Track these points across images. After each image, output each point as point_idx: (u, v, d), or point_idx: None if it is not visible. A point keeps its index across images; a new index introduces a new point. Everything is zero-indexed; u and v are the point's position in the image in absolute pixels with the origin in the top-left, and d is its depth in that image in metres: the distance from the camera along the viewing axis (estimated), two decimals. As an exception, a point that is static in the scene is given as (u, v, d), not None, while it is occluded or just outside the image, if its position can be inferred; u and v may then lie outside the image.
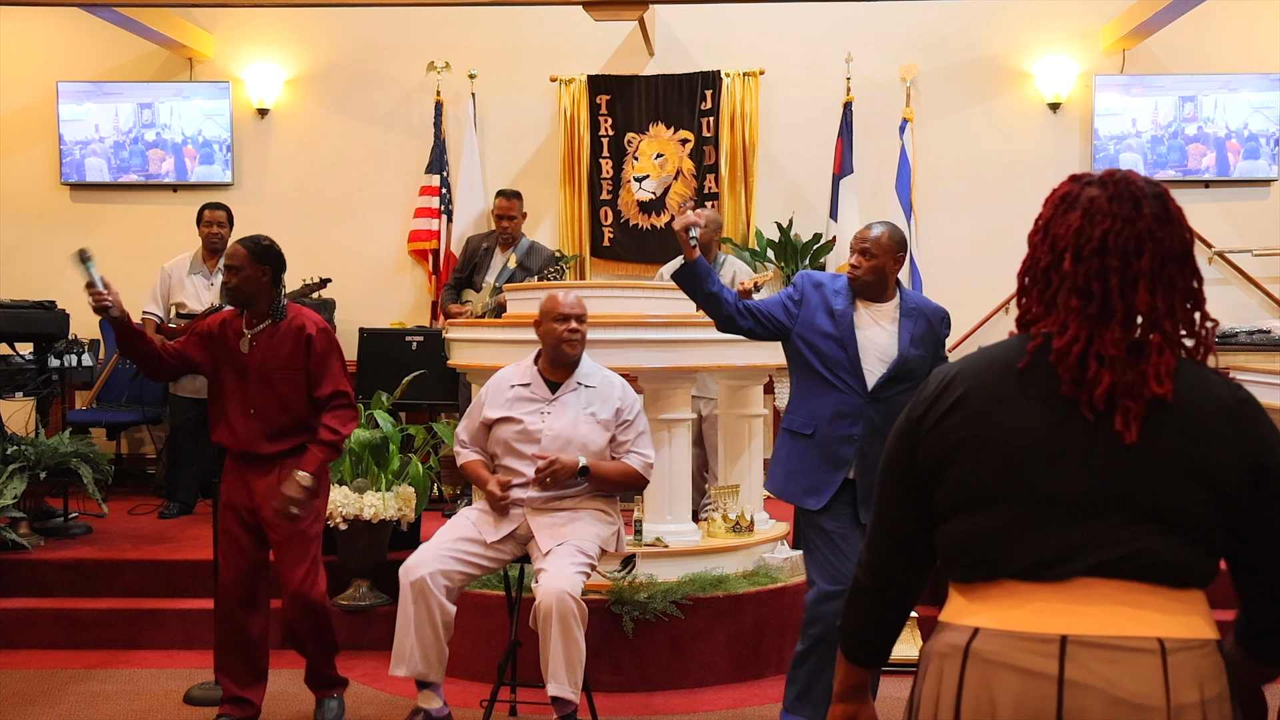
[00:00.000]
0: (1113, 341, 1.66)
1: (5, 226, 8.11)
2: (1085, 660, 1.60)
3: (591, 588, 4.66)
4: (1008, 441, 1.69)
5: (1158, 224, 1.72)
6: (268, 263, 4.03)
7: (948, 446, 1.73)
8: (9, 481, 5.59)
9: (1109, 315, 1.68)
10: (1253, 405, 1.72)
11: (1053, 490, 1.66)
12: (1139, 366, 1.66)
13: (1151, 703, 1.58)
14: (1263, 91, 7.65)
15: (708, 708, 4.52)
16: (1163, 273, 1.70)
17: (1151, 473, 1.64)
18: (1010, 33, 7.78)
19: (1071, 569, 1.63)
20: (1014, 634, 1.63)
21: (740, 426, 5.31)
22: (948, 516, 1.74)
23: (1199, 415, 1.67)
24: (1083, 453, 1.65)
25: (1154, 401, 1.66)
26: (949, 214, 7.74)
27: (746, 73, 7.69)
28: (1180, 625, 1.62)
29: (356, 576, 5.26)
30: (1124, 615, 1.61)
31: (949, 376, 1.77)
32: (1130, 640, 1.60)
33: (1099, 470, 1.65)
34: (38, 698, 4.60)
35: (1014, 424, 1.69)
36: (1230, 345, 6.77)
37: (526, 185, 7.55)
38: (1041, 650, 1.61)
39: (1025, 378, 1.70)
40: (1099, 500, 1.64)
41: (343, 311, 7.73)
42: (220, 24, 8.06)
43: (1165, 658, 1.59)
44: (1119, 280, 1.68)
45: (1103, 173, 1.76)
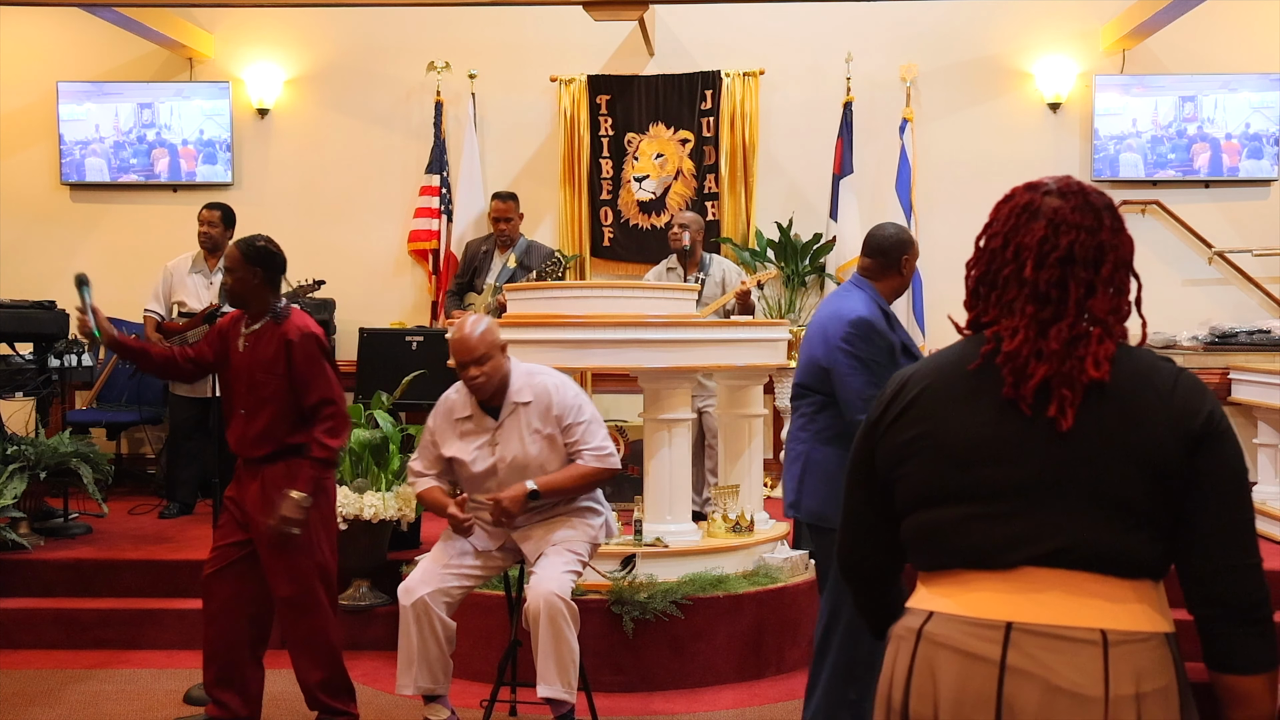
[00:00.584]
0: (1055, 337, 1.72)
1: (5, 226, 8.11)
2: (1027, 647, 1.64)
3: (591, 587, 4.67)
4: (957, 439, 1.75)
5: (1114, 234, 1.78)
6: (259, 264, 3.99)
7: (902, 444, 1.81)
8: (9, 481, 5.59)
9: (1060, 319, 1.74)
10: (1188, 380, 1.74)
11: (999, 483, 1.71)
12: (1076, 354, 1.71)
13: (1089, 693, 1.61)
14: (1263, 91, 7.64)
15: (708, 708, 4.52)
16: (1115, 279, 1.77)
17: (1092, 460, 1.68)
18: (1010, 33, 7.78)
19: (1017, 557, 1.68)
20: (962, 619, 1.70)
21: (740, 426, 5.31)
22: (907, 511, 1.82)
23: (1136, 398, 1.70)
24: (1026, 445, 1.71)
25: (1092, 387, 1.70)
26: (949, 214, 7.74)
27: (746, 73, 7.69)
28: (1125, 616, 1.65)
29: (356, 576, 5.26)
30: (1069, 604, 1.65)
31: (905, 379, 1.86)
32: (1073, 630, 1.64)
33: (1041, 461, 1.70)
34: (38, 698, 4.60)
35: (963, 422, 1.76)
36: (1230, 345, 6.78)
37: (526, 185, 7.55)
38: (986, 636, 1.67)
39: (975, 378, 1.77)
40: (1043, 490, 1.69)
41: (343, 311, 7.74)
42: (220, 24, 8.06)
43: (1106, 649, 1.62)
44: (1080, 287, 1.74)
45: (1058, 181, 1.81)
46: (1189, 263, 7.56)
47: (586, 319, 4.83)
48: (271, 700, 4.58)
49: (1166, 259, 7.54)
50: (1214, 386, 6.46)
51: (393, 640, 4.08)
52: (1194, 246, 7.62)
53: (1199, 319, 7.36)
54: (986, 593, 1.69)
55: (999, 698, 1.64)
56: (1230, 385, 6.41)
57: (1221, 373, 6.48)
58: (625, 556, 4.75)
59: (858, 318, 3.66)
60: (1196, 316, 7.38)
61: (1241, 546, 1.68)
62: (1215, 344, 6.83)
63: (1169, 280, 7.51)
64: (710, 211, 7.68)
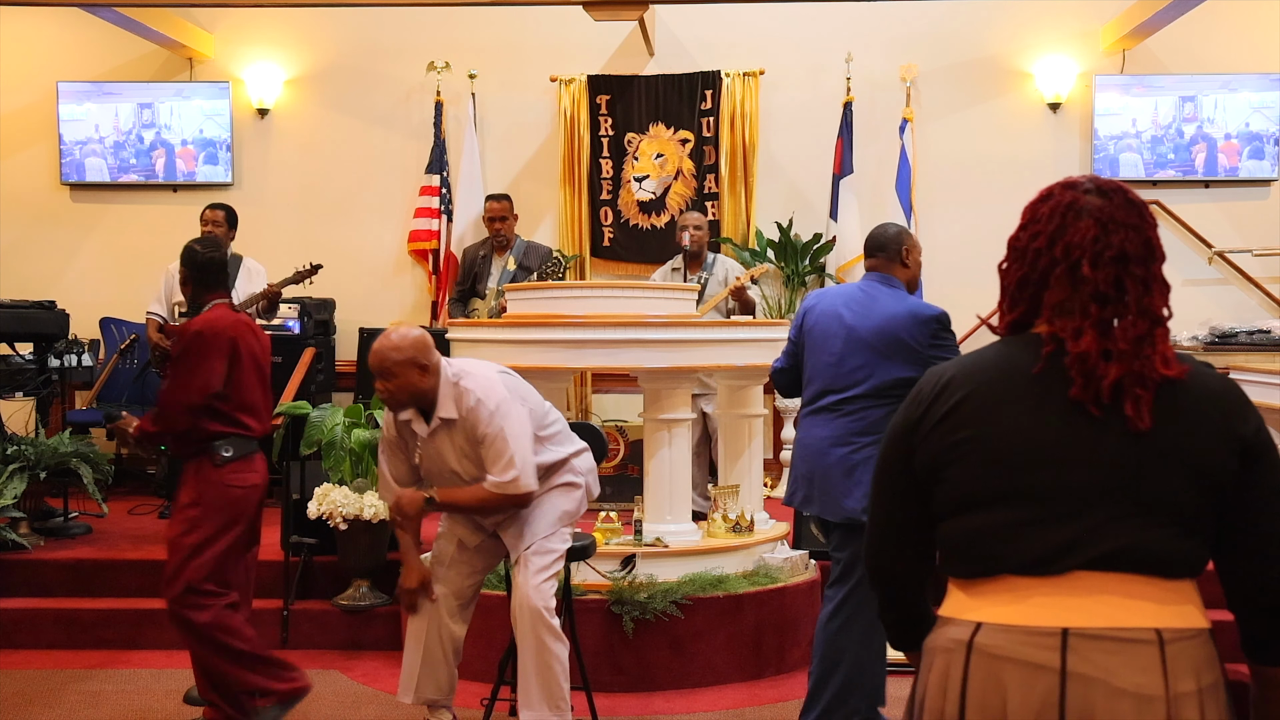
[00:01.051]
0: (1122, 336, 1.72)
1: (5, 226, 8.11)
2: (1086, 652, 1.63)
3: (591, 587, 4.67)
4: (1012, 442, 1.72)
5: (1155, 231, 1.79)
6: (183, 263, 4.13)
7: (948, 446, 1.77)
8: (9, 481, 5.59)
9: (1122, 317, 1.73)
10: (1236, 389, 1.77)
11: (1054, 487, 1.69)
12: (1144, 352, 1.71)
13: (1152, 692, 1.61)
14: (1263, 91, 7.64)
15: (708, 708, 4.52)
16: (1162, 275, 1.79)
17: (1154, 464, 1.68)
18: (1010, 33, 7.78)
19: (1069, 563, 1.67)
20: (1016, 628, 1.67)
21: (740, 426, 5.31)
22: (949, 515, 1.78)
23: (1194, 402, 1.71)
24: (1092, 448, 1.69)
25: (1163, 387, 1.70)
26: (949, 214, 7.74)
27: (746, 73, 7.69)
28: (1175, 615, 1.66)
29: (356, 576, 5.26)
30: (1122, 607, 1.65)
31: (945, 380, 1.81)
32: (1129, 631, 1.64)
33: (1103, 464, 1.68)
34: (38, 698, 4.60)
35: (1019, 424, 1.73)
36: (1230, 345, 6.77)
37: (526, 185, 7.56)
38: (1044, 643, 1.65)
39: (1040, 380, 1.74)
40: (1097, 494, 1.68)
41: (343, 311, 7.74)
42: (220, 24, 8.06)
43: (1163, 648, 1.63)
44: (1137, 285, 1.74)
45: (1093, 180, 1.80)
46: (1189, 263, 7.56)
47: (586, 319, 4.83)
48: (271, 700, 4.58)
49: (1167, 259, 7.53)
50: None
51: (393, 640, 4.08)
52: (1194, 246, 7.62)
53: (1199, 319, 7.35)
54: (1039, 599, 1.67)
55: (1061, 705, 1.62)
56: (1230, 385, 6.41)
57: (1222, 373, 6.47)
58: (625, 556, 4.75)
59: (940, 313, 3.77)
60: (1196, 316, 7.38)
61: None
62: (1215, 344, 6.83)
63: (1169, 280, 7.49)
64: (710, 211, 7.68)
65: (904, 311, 3.77)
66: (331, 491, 5.08)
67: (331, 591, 5.35)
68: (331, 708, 4.52)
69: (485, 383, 3.76)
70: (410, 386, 3.72)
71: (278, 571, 5.35)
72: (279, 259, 7.31)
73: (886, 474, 1.88)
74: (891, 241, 3.93)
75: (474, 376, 3.78)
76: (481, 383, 3.76)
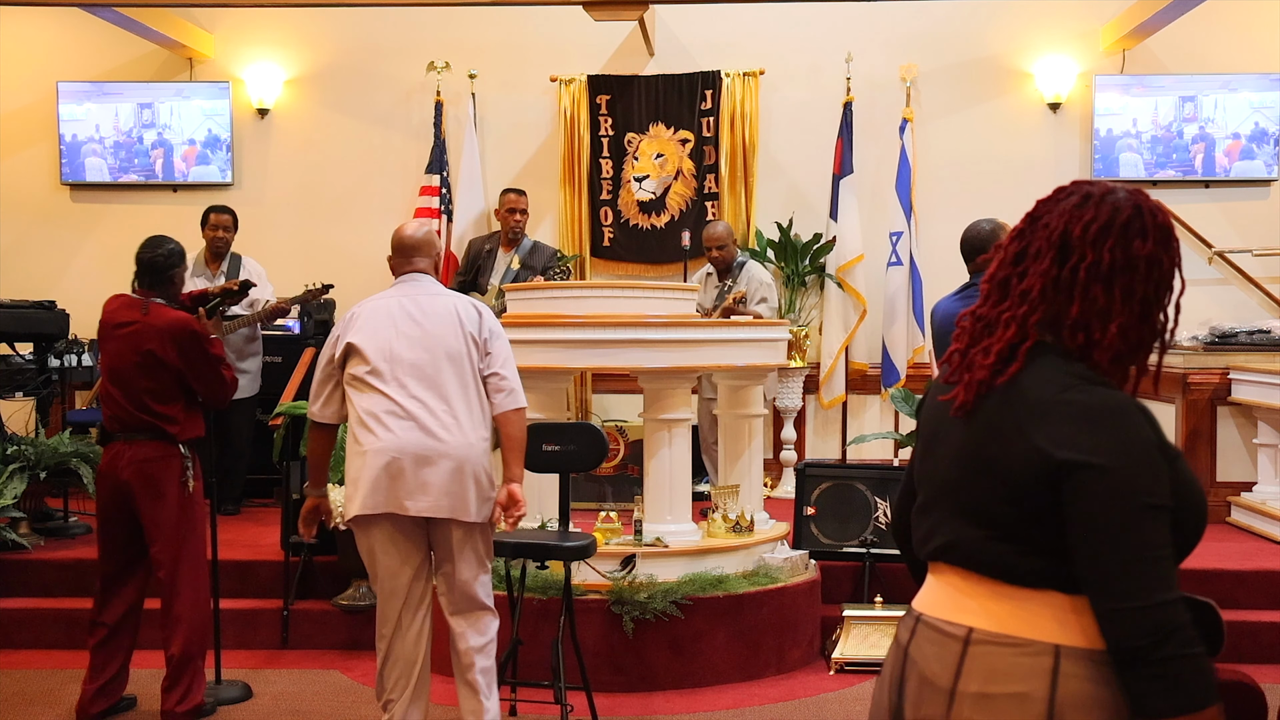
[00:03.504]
0: (973, 339, 1.79)
1: (5, 226, 8.10)
2: (921, 637, 1.74)
3: (591, 587, 4.67)
4: (924, 432, 1.86)
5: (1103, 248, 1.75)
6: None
7: (918, 440, 1.92)
8: (9, 481, 5.59)
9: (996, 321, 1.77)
10: (1067, 405, 1.62)
11: (925, 478, 1.82)
12: (982, 344, 1.74)
13: (942, 684, 1.67)
14: (1263, 91, 7.64)
15: (708, 708, 4.52)
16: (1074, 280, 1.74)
17: (965, 467, 1.71)
18: (1010, 33, 7.78)
19: (925, 551, 1.80)
20: (906, 606, 1.85)
21: (740, 426, 5.31)
22: None
23: (1008, 410, 1.66)
24: (948, 443, 1.77)
25: (986, 390, 1.70)
26: (949, 214, 7.71)
27: (746, 73, 7.68)
28: (1000, 620, 1.65)
29: (356, 576, 5.26)
30: (952, 601, 1.71)
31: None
32: (947, 624, 1.70)
33: (950, 460, 1.75)
34: (38, 698, 4.60)
35: (932, 416, 1.84)
36: (1230, 345, 6.77)
37: (526, 185, 7.54)
38: (905, 624, 1.80)
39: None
40: (939, 489, 1.76)
41: (343, 311, 7.71)
42: (220, 24, 8.06)
43: (967, 646, 1.66)
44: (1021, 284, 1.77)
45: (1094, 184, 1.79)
46: (1189, 263, 7.43)
47: (587, 319, 4.84)
48: (271, 700, 4.59)
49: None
50: (1214, 386, 6.47)
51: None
52: (1194, 246, 7.62)
53: (1199, 319, 7.35)
54: (926, 582, 1.81)
55: (900, 683, 1.75)
56: (1230, 385, 6.42)
57: (1221, 373, 6.48)
58: (625, 556, 4.75)
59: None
60: (1196, 316, 7.37)
61: (1121, 590, 1.55)
62: (1215, 344, 6.83)
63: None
64: (710, 211, 7.68)
65: None
66: (331, 491, 5.07)
67: (331, 591, 5.35)
68: (331, 707, 4.53)
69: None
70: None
71: (278, 571, 5.35)
72: (279, 259, 7.33)
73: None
74: (989, 238, 3.96)
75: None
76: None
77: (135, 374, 4.16)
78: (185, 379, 4.19)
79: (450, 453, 3.59)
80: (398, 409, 3.60)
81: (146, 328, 4.16)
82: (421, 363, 3.64)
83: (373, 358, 3.64)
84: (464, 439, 3.62)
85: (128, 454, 4.18)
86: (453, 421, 3.62)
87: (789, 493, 6.46)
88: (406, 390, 3.62)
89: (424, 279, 3.82)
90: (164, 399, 4.18)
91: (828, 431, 7.79)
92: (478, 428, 3.67)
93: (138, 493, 4.17)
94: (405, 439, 3.57)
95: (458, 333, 3.69)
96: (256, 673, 4.87)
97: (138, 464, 4.16)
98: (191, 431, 4.26)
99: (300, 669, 4.98)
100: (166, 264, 4.29)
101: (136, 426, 4.19)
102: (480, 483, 3.64)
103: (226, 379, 4.27)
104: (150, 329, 4.16)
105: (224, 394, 4.31)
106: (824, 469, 5.78)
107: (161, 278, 4.30)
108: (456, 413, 3.64)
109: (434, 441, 3.58)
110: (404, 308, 3.73)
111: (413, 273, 3.82)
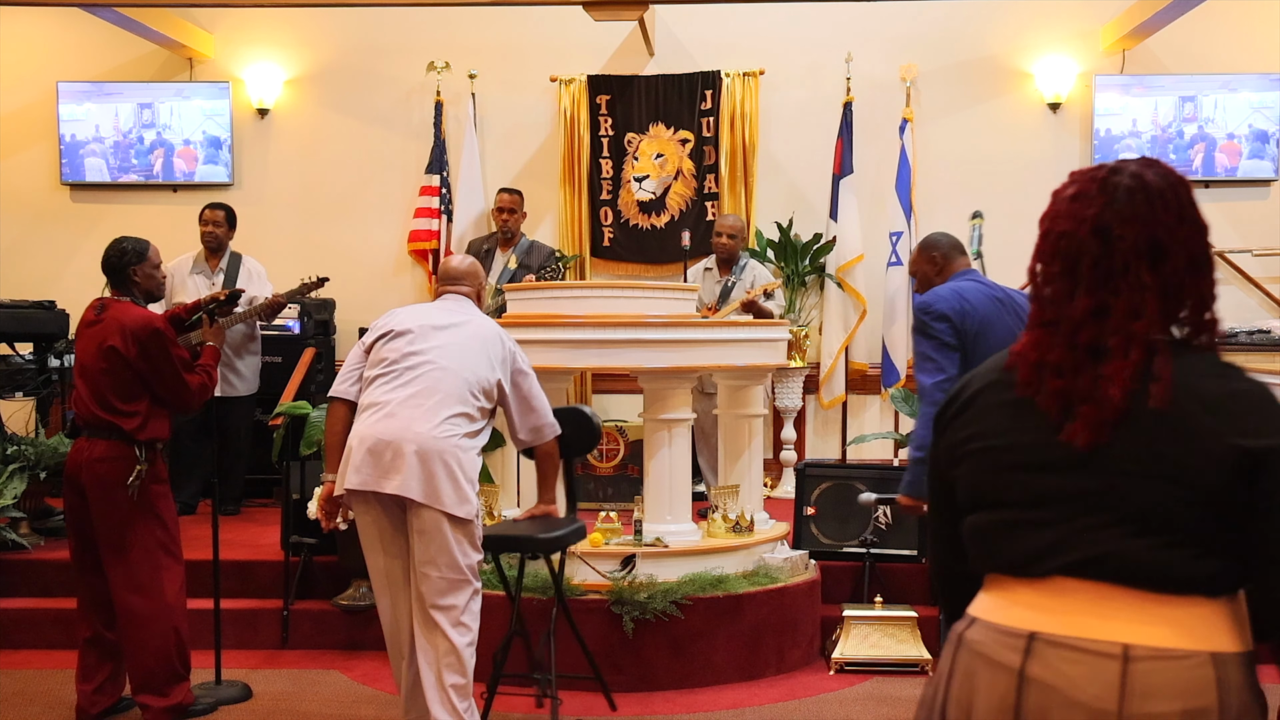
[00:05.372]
0: (1069, 345, 1.67)
1: (5, 226, 8.11)
2: (1049, 658, 1.61)
3: (591, 588, 4.67)
4: (1002, 442, 1.72)
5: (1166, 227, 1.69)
6: None
7: (957, 444, 1.78)
8: (9, 481, 5.59)
9: (1103, 327, 1.67)
10: (1238, 396, 1.64)
11: (1038, 490, 1.67)
12: (1098, 369, 1.65)
13: (1104, 707, 1.57)
14: (1263, 91, 7.64)
15: (708, 708, 4.52)
16: (1158, 281, 1.67)
17: (1121, 473, 1.62)
18: (1010, 33, 7.78)
19: (1046, 567, 1.65)
20: (994, 626, 1.68)
21: (740, 426, 5.31)
22: (964, 511, 1.79)
23: (1177, 412, 1.61)
24: (1068, 453, 1.66)
25: (1121, 405, 1.63)
26: (949, 214, 7.72)
27: (746, 73, 7.68)
28: (1156, 633, 1.58)
29: (356, 576, 5.26)
30: (1093, 617, 1.61)
31: (969, 376, 1.83)
32: (1094, 643, 1.59)
33: (1076, 472, 1.65)
34: (38, 698, 4.60)
35: (1006, 424, 1.72)
36: (1230, 345, 6.76)
37: (526, 185, 7.55)
38: (1011, 644, 1.64)
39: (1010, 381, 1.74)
40: (1078, 501, 1.64)
41: (343, 311, 7.73)
42: (220, 24, 8.06)
43: (1126, 664, 1.57)
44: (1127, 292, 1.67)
45: (1123, 164, 1.73)
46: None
47: (586, 319, 4.84)
48: (271, 700, 4.60)
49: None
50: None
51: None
52: (1194, 246, 7.61)
53: (1199, 319, 7.35)
54: (1019, 600, 1.67)
55: (1017, 709, 1.62)
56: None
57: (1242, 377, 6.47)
58: (625, 556, 4.75)
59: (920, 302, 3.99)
60: (1196, 316, 7.37)
61: None
62: (1215, 344, 6.83)
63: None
64: (710, 211, 7.68)
65: None
66: (331, 491, 5.07)
67: (331, 591, 5.35)
68: (331, 708, 4.53)
69: None
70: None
71: (278, 571, 5.35)
72: (279, 259, 7.33)
73: (931, 469, 1.89)
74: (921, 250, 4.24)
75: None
76: None
77: (98, 371, 4.15)
78: (145, 376, 4.15)
79: (417, 441, 3.63)
80: (393, 399, 3.72)
81: (109, 323, 4.16)
82: (435, 360, 3.76)
83: (398, 345, 3.81)
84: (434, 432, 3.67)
85: (85, 452, 4.17)
86: (433, 417, 3.68)
87: (789, 493, 6.46)
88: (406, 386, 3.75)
89: (464, 300, 4.05)
90: (126, 397, 4.14)
91: (828, 431, 7.79)
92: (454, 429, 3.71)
93: (89, 492, 4.14)
94: (383, 427, 3.68)
95: (482, 349, 3.83)
96: (256, 673, 4.87)
97: (91, 463, 4.14)
98: (153, 432, 4.19)
99: (300, 669, 4.98)
100: (121, 263, 4.28)
101: (96, 425, 4.16)
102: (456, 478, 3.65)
103: (190, 384, 4.21)
104: (112, 325, 4.15)
105: (186, 398, 4.24)
106: (824, 469, 5.78)
107: (120, 277, 4.30)
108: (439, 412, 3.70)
109: (407, 432, 3.65)
110: (442, 308, 3.98)
111: (455, 293, 4.06)
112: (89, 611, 4.26)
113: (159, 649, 4.16)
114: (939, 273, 4.10)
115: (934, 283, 4.08)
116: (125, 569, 4.15)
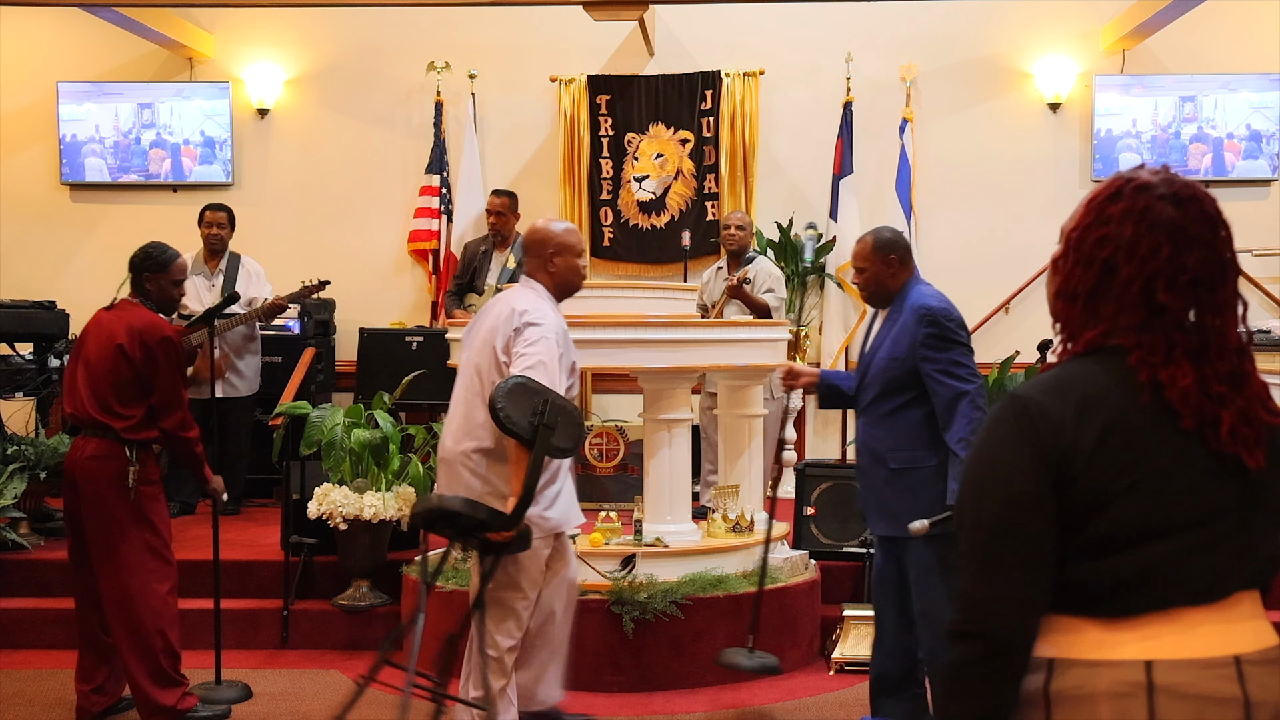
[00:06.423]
0: (1215, 378, 1.65)
1: (5, 226, 8.11)
2: (1259, 677, 1.59)
3: (591, 587, 4.67)
4: (1157, 473, 1.62)
5: (1227, 248, 1.68)
6: None
7: (1104, 482, 1.62)
8: (9, 481, 5.59)
9: (1206, 346, 1.67)
10: None
11: (1204, 512, 1.62)
12: (1247, 392, 1.67)
13: None
14: (1263, 91, 7.65)
15: (708, 708, 4.52)
16: (1232, 300, 1.69)
17: (1267, 485, 1.66)
18: (1010, 33, 7.78)
19: (1231, 585, 1.62)
20: (1195, 662, 1.59)
21: (740, 426, 5.30)
22: (1103, 551, 1.63)
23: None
24: (1216, 472, 1.63)
25: (1271, 426, 1.66)
26: (949, 214, 7.74)
27: (746, 73, 7.69)
28: None
29: (356, 576, 5.26)
30: (1263, 626, 1.64)
31: (1077, 402, 1.64)
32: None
33: (1232, 486, 1.64)
34: (37, 698, 4.60)
35: (1159, 455, 1.63)
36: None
37: (526, 185, 7.56)
38: (1223, 675, 1.58)
39: (1152, 410, 1.63)
40: (1245, 517, 1.64)
41: (343, 311, 7.74)
42: (220, 24, 8.06)
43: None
44: (1213, 313, 1.67)
45: (1169, 182, 1.66)
46: (1189, 263, 7.55)
47: (586, 319, 4.83)
48: (271, 700, 4.60)
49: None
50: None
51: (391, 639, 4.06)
52: (1194, 246, 7.62)
53: (1199, 319, 7.36)
54: (1206, 628, 1.59)
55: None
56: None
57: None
58: (625, 556, 4.75)
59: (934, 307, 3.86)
60: (1196, 316, 7.38)
61: None
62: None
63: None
64: (710, 211, 7.68)
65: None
66: (331, 491, 5.08)
67: (331, 591, 5.35)
68: (331, 708, 4.51)
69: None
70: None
71: (278, 571, 5.35)
72: (279, 259, 7.33)
73: (1025, 505, 1.63)
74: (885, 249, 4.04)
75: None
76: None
77: (103, 370, 4.13)
78: (146, 380, 4.12)
79: (446, 456, 3.80)
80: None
81: (119, 322, 4.15)
82: (464, 363, 3.88)
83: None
84: (454, 446, 3.78)
85: (79, 449, 4.16)
86: (454, 427, 3.80)
87: (789, 493, 6.45)
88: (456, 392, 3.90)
89: (518, 284, 3.96)
90: (125, 400, 4.12)
91: (828, 431, 7.79)
92: (462, 439, 3.74)
93: (81, 489, 4.13)
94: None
95: (486, 339, 3.76)
96: (256, 673, 4.87)
97: (84, 460, 4.12)
98: (143, 432, 4.16)
99: (300, 669, 4.98)
100: (139, 265, 4.26)
101: (89, 423, 4.14)
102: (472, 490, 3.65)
103: (184, 399, 4.20)
104: (120, 324, 4.14)
105: (178, 409, 4.18)
106: (824, 469, 5.78)
107: (135, 279, 4.28)
108: (455, 418, 3.79)
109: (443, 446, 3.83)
110: (485, 308, 3.92)
111: (526, 275, 3.94)
112: (87, 612, 4.25)
113: (145, 652, 4.12)
114: (893, 277, 3.84)
115: (885, 286, 3.85)
116: (112, 570, 4.12)
